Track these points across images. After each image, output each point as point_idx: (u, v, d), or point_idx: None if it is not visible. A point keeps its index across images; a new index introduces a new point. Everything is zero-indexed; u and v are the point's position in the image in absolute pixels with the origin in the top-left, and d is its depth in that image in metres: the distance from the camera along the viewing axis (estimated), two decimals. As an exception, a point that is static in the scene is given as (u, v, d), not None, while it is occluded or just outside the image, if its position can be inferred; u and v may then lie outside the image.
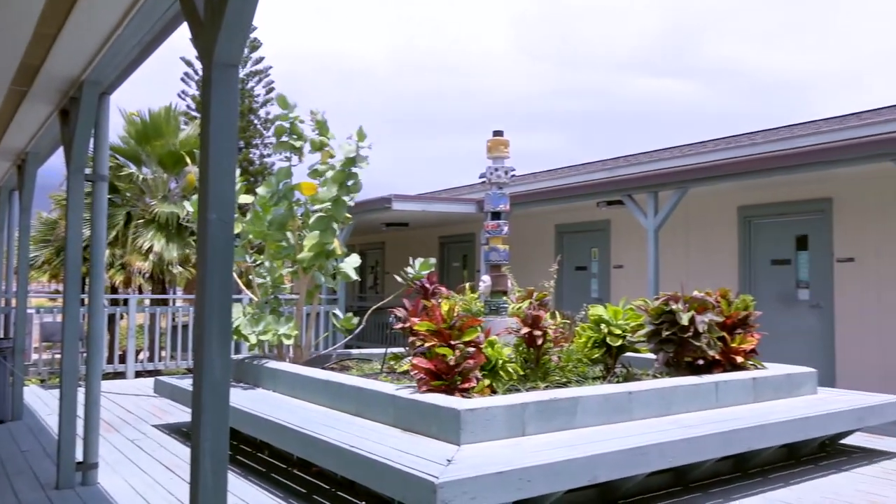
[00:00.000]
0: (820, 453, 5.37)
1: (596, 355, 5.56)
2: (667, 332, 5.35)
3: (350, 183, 6.49)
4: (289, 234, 6.60)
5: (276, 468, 4.99)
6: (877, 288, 8.39)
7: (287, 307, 7.27)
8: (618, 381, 5.07)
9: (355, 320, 6.87)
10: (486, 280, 6.12)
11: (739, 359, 5.49)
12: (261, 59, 27.80)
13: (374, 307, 7.57)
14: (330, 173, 6.50)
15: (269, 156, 27.72)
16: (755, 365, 5.62)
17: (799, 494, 4.33)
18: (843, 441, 5.61)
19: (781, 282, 9.39)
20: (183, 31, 3.00)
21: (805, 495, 4.31)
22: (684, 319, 5.29)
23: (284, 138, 6.67)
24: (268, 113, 27.78)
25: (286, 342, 6.35)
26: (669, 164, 10.67)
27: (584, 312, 5.92)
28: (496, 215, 6.33)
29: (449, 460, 3.43)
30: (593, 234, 12.07)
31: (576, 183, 11.96)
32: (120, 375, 9.80)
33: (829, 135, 8.73)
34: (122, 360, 9.94)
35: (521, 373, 4.89)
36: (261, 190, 6.55)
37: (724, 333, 5.56)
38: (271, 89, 27.92)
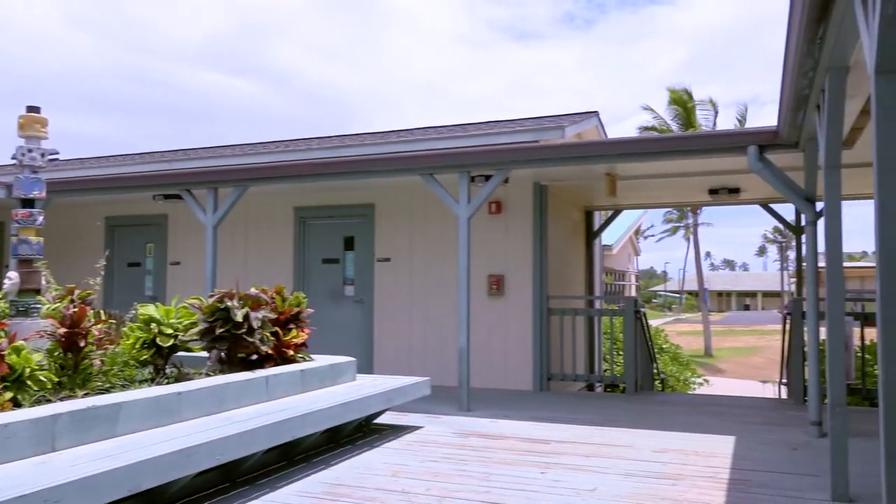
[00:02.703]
0: (357, 434, 5.96)
1: (145, 357, 5.28)
2: (221, 330, 5.35)
3: None
4: None
5: None
6: (408, 284, 9.68)
7: None
8: (168, 383, 4.88)
9: None
10: (12, 276, 5.30)
11: (290, 352, 5.80)
12: None
13: None
14: None
15: None
16: (304, 357, 5.99)
17: (338, 473, 4.73)
18: (376, 420, 6.32)
19: (331, 279, 10.18)
20: None
21: (343, 473, 4.73)
22: (238, 316, 5.36)
23: None
24: None
25: None
26: (231, 162, 10.69)
27: (134, 312, 5.57)
28: (28, 203, 5.52)
29: (-50, 492, 2.88)
30: (149, 229, 11.44)
31: (130, 173, 11.16)
32: None
33: (373, 147, 9.77)
34: None
35: (56, 380, 4.37)
36: None
37: (278, 329, 5.81)
38: None
